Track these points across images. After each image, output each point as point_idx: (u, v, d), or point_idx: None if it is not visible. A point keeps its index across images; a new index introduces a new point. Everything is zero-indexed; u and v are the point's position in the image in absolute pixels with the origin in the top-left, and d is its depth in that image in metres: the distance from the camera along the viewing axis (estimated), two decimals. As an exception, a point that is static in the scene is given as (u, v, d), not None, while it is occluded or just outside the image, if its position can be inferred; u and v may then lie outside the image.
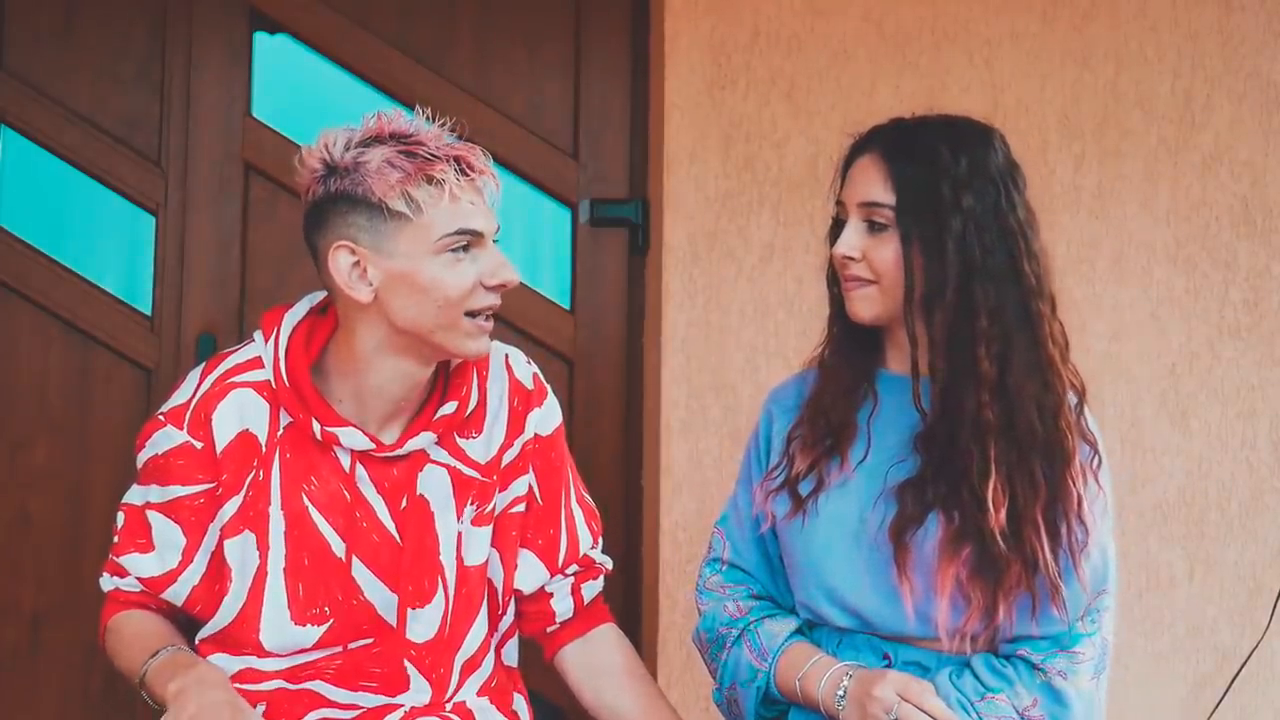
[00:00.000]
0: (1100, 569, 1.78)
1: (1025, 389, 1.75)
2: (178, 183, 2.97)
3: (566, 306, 3.01)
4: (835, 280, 1.89)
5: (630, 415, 3.00)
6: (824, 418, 1.87)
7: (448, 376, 1.87)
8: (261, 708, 1.80)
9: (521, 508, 1.92)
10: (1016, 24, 2.94)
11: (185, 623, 1.89)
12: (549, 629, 1.98)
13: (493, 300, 1.77)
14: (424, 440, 1.83)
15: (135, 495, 1.87)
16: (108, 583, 1.90)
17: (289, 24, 3.00)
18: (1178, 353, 2.93)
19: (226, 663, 1.83)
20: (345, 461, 1.81)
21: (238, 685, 1.79)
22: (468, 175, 1.75)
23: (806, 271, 2.83)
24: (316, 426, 1.78)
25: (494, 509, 1.89)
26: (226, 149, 2.97)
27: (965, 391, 1.75)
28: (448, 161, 1.73)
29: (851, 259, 1.82)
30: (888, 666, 1.82)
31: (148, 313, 2.97)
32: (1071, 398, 1.79)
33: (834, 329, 1.91)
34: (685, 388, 2.85)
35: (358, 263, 1.74)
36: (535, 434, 1.92)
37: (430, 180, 1.72)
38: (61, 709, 2.93)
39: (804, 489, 1.85)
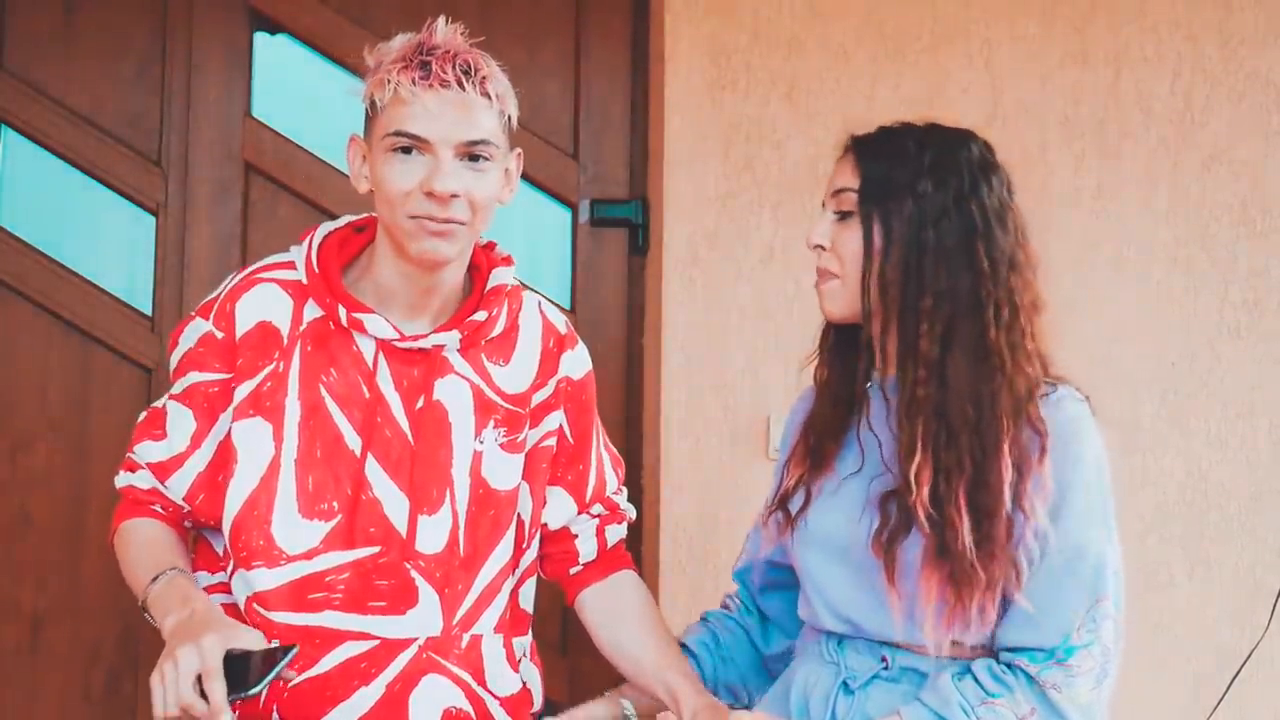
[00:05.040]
0: (1094, 574, 1.76)
1: (962, 370, 1.75)
2: (178, 183, 2.97)
3: (566, 306, 3.01)
4: None
5: (630, 415, 3.00)
6: (815, 429, 1.91)
7: (483, 295, 1.92)
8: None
9: (553, 442, 1.97)
10: (1016, 24, 2.94)
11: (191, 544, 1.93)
12: (572, 570, 2.03)
13: (429, 208, 1.78)
14: (448, 338, 1.86)
15: (161, 397, 1.92)
16: (121, 479, 1.92)
17: (289, 24, 3.00)
18: (1178, 353, 2.93)
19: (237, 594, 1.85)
20: (368, 355, 1.85)
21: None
22: (426, 80, 1.78)
23: (806, 271, 2.80)
24: (343, 313, 1.83)
25: (525, 440, 1.93)
26: (226, 149, 2.97)
27: (906, 370, 1.78)
28: (415, 66, 1.78)
29: (821, 247, 1.86)
30: (885, 669, 1.83)
31: (148, 313, 2.97)
32: (1027, 386, 1.78)
33: (824, 343, 1.94)
34: (685, 388, 2.86)
35: (364, 156, 1.85)
36: (567, 376, 1.98)
37: (387, 81, 1.79)
38: (61, 709, 2.93)
39: (794, 506, 1.89)
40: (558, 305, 2.98)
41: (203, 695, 1.59)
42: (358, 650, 1.83)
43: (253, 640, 1.65)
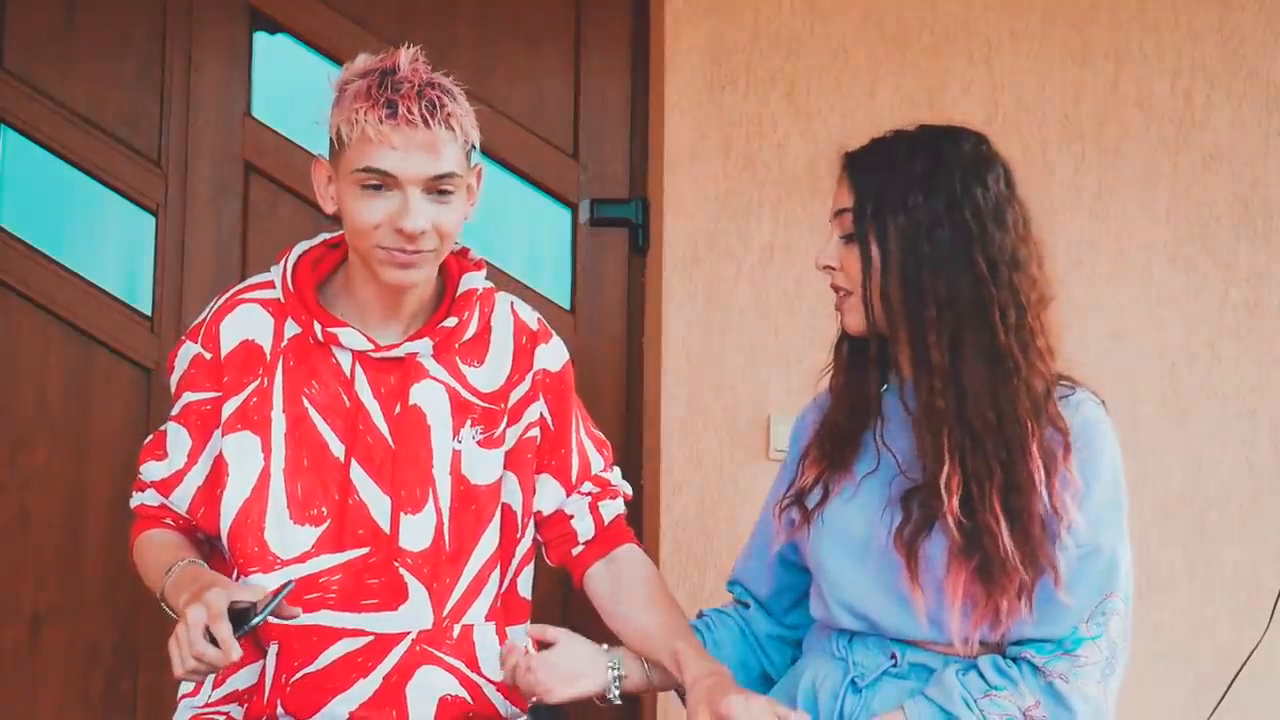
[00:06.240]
0: (1107, 569, 1.78)
1: (978, 376, 1.76)
2: (178, 183, 2.97)
3: (566, 306, 3.01)
4: None
5: (630, 415, 3.00)
6: (831, 434, 1.92)
7: (454, 301, 1.98)
8: (274, 647, 1.90)
9: (536, 433, 2.03)
10: (1016, 24, 2.94)
11: (207, 552, 2.00)
12: (574, 551, 2.07)
13: (399, 242, 1.85)
14: (421, 346, 1.94)
15: (166, 420, 2.00)
16: (134, 500, 2.02)
17: (289, 24, 3.00)
18: (1178, 353, 2.93)
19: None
20: (346, 366, 1.93)
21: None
22: (394, 119, 1.81)
23: (806, 271, 2.83)
24: (318, 328, 1.91)
25: (504, 435, 1.99)
26: (226, 149, 2.97)
27: (921, 382, 1.79)
28: (381, 105, 1.81)
29: (831, 268, 1.88)
30: (894, 666, 1.84)
31: (148, 313, 2.97)
32: (1044, 385, 1.79)
33: (839, 352, 1.95)
34: (685, 388, 2.85)
35: (329, 178, 1.90)
36: (544, 369, 2.04)
37: (354, 120, 1.82)
38: (61, 709, 2.93)
39: (811, 501, 1.90)
40: (550, 300, 2.99)
41: (213, 643, 1.68)
42: (354, 646, 1.91)
43: (256, 594, 1.75)
